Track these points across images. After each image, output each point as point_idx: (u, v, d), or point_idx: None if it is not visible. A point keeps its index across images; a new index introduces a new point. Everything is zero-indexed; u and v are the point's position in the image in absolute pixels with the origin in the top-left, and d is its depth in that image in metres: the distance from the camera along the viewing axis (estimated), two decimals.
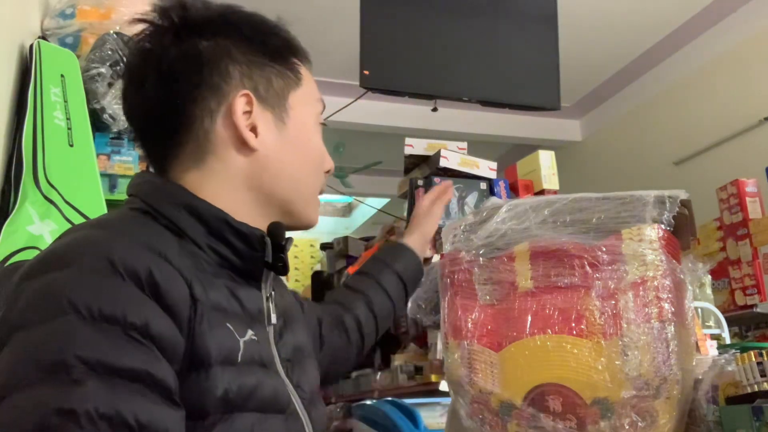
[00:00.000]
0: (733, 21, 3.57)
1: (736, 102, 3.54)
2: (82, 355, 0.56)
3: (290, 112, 0.81)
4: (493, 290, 0.97)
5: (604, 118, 4.67)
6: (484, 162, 1.89)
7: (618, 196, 0.96)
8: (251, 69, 0.78)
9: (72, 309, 0.58)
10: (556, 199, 1.00)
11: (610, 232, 0.93)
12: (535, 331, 0.91)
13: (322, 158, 0.86)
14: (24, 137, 1.35)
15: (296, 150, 0.82)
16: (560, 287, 0.92)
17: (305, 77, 0.84)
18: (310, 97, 0.84)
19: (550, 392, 0.89)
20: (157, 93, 0.76)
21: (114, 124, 1.56)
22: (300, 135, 0.82)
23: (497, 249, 0.99)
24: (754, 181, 2.31)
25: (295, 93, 0.82)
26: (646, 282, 0.88)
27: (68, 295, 0.59)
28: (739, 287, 2.23)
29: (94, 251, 0.63)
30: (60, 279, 0.61)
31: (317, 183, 0.86)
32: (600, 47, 3.90)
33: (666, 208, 0.92)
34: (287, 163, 0.80)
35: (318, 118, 0.86)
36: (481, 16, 2.56)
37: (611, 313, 0.88)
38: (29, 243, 1.25)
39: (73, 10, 1.69)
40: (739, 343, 1.92)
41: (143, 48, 0.78)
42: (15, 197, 1.30)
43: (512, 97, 2.57)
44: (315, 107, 0.86)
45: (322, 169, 0.87)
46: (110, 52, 1.58)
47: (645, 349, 0.86)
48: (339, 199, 7.26)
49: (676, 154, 3.89)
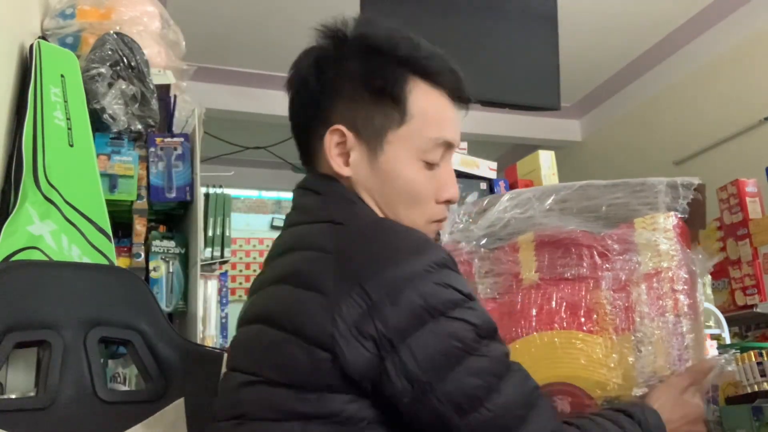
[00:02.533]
0: (733, 21, 3.57)
1: (736, 102, 3.54)
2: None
3: (385, 147, 0.86)
4: (495, 283, 0.92)
5: (604, 118, 4.66)
6: (484, 162, 1.89)
7: (628, 183, 0.91)
8: (354, 104, 0.86)
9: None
10: (562, 187, 0.96)
11: (620, 220, 0.88)
12: (540, 327, 0.86)
13: (419, 190, 0.87)
14: (24, 137, 1.34)
15: (385, 182, 0.86)
16: (568, 279, 0.87)
17: (414, 111, 0.86)
18: (417, 134, 0.86)
19: (558, 392, 0.84)
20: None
21: (114, 124, 1.55)
22: (391, 168, 0.86)
23: (499, 239, 0.94)
24: (754, 181, 2.31)
25: (396, 131, 0.86)
26: (660, 273, 0.83)
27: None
28: (739, 287, 2.23)
29: (439, 247, 0.77)
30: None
31: (420, 213, 0.87)
32: (600, 47, 3.90)
33: (680, 195, 0.88)
34: (376, 191, 0.86)
35: (420, 152, 0.87)
36: (481, 16, 2.56)
37: (623, 306, 0.83)
38: (29, 243, 1.25)
39: (73, 10, 1.69)
40: (739, 343, 1.92)
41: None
42: (15, 197, 1.30)
43: (512, 97, 2.56)
44: (419, 142, 0.86)
45: (425, 200, 0.88)
46: (110, 52, 1.58)
47: (659, 344, 0.81)
48: None
49: (676, 154, 3.89)
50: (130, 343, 1.05)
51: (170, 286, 1.63)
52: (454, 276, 0.75)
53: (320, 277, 0.73)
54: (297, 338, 0.72)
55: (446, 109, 0.90)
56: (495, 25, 2.58)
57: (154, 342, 1.06)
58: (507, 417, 0.70)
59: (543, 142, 4.60)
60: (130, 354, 1.06)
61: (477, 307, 0.74)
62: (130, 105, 1.58)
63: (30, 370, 1.04)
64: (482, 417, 0.69)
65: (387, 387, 0.70)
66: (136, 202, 1.58)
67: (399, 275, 0.71)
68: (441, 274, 0.73)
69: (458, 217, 0.99)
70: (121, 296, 1.08)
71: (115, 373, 1.36)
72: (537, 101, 2.63)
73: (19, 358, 1.04)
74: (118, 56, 1.58)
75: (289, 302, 0.76)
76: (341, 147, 0.86)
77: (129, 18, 1.73)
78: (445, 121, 0.88)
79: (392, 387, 0.69)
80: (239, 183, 4.44)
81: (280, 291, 0.78)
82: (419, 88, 0.87)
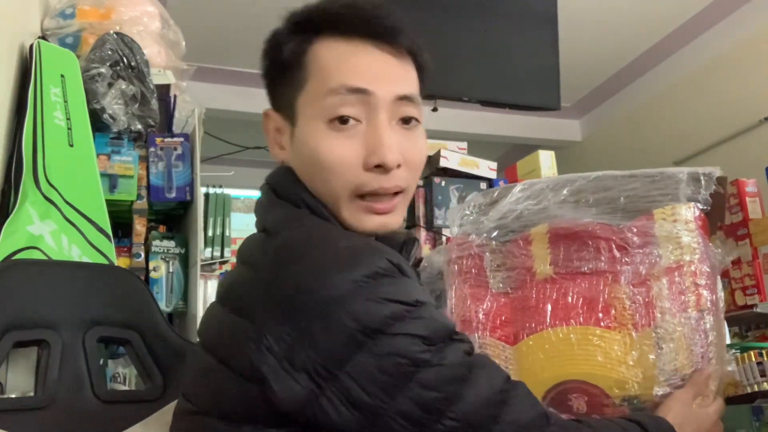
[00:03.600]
0: (732, 21, 3.57)
1: (735, 102, 3.54)
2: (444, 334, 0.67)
3: (299, 118, 0.78)
4: (508, 277, 0.88)
5: (604, 118, 4.66)
6: (484, 162, 1.90)
7: (646, 173, 0.87)
8: (273, 84, 0.82)
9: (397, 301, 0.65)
10: (576, 178, 0.90)
11: (639, 212, 0.83)
12: (556, 322, 0.82)
13: (330, 157, 0.75)
14: (24, 137, 1.34)
15: (301, 156, 0.78)
16: (584, 273, 0.82)
17: (312, 69, 0.77)
18: (317, 91, 0.76)
19: (574, 390, 0.80)
20: None
21: (114, 124, 1.55)
22: (303, 139, 0.77)
23: (511, 231, 0.89)
24: (754, 181, 2.31)
25: (301, 96, 0.78)
26: (682, 267, 0.79)
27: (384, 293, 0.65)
28: (739, 287, 2.23)
29: (374, 254, 0.68)
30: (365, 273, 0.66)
31: (340, 184, 0.75)
32: (600, 47, 3.90)
33: (701, 186, 0.83)
34: (300, 171, 0.78)
35: (325, 111, 0.75)
36: (481, 16, 2.56)
37: (643, 301, 0.79)
38: (29, 243, 1.25)
39: (73, 10, 1.69)
40: (739, 343, 1.92)
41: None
42: (15, 197, 1.30)
43: (512, 97, 2.56)
44: (321, 99, 0.75)
45: (344, 167, 0.75)
46: (110, 52, 1.58)
47: (681, 341, 0.77)
48: None
49: (676, 154, 3.89)
50: (129, 342, 1.05)
51: (170, 286, 1.63)
52: (394, 285, 0.66)
53: (249, 302, 0.67)
54: (227, 369, 0.67)
55: (352, 53, 0.76)
56: (495, 25, 2.58)
57: (153, 342, 1.06)
58: (475, 421, 0.64)
59: (543, 142, 4.60)
60: (129, 354, 1.06)
61: (425, 314, 0.66)
62: (130, 105, 1.58)
63: (29, 369, 1.04)
64: (447, 428, 0.63)
65: (328, 419, 0.62)
66: (136, 202, 1.58)
67: (327, 297, 0.63)
68: (375, 288, 0.65)
69: (468, 209, 0.94)
70: (121, 296, 1.08)
71: (115, 373, 1.36)
72: (537, 101, 2.63)
73: (18, 358, 1.04)
74: (118, 56, 1.58)
75: (222, 328, 0.71)
76: (279, 132, 0.81)
77: (129, 18, 1.73)
78: (349, 67, 0.75)
79: (336, 417, 0.62)
80: (239, 183, 4.44)
81: (219, 313, 0.73)
82: (320, 44, 0.77)
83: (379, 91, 0.75)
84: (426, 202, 1.87)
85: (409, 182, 0.79)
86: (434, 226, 1.83)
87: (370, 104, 0.75)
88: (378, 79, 0.75)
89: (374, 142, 0.74)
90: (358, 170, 0.75)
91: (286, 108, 0.79)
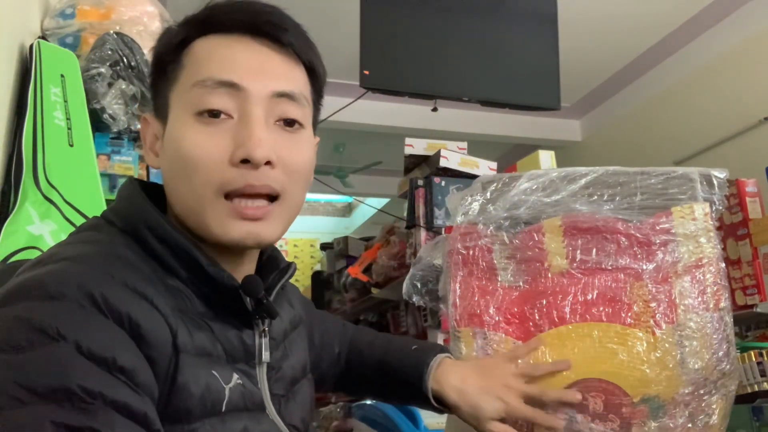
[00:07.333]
0: (733, 21, 3.57)
1: (736, 102, 3.54)
2: (85, 386, 0.54)
3: (170, 115, 0.72)
4: (518, 270, 0.84)
5: (604, 118, 4.67)
6: (484, 162, 1.90)
7: (661, 171, 0.86)
8: (154, 89, 0.77)
9: (62, 339, 0.55)
10: (588, 171, 0.89)
11: (655, 209, 0.82)
12: (574, 318, 0.79)
13: (194, 153, 0.69)
14: (24, 137, 1.35)
15: (167, 156, 0.72)
16: (604, 269, 0.80)
17: (186, 62, 0.73)
18: (187, 83, 0.71)
19: (592, 389, 0.77)
20: None
21: (114, 124, 1.55)
22: (170, 137, 0.72)
23: (522, 223, 0.86)
24: (754, 181, 2.31)
25: (173, 91, 0.73)
26: (703, 266, 0.79)
27: (56, 325, 0.56)
28: (739, 287, 2.23)
29: (77, 286, 0.59)
30: (45, 308, 0.57)
31: (204, 182, 0.69)
32: (600, 47, 3.90)
33: (715, 186, 0.83)
34: (169, 176, 0.72)
35: (191, 104, 0.70)
36: (481, 16, 2.56)
37: (666, 299, 0.78)
38: (29, 243, 1.25)
39: (73, 10, 1.69)
40: (739, 343, 1.92)
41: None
42: (15, 197, 1.30)
43: (512, 97, 2.57)
44: (188, 92, 0.71)
45: (208, 163, 0.69)
46: (110, 52, 1.58)
47: (704, 340, 0.76)
48: (339, 199, 7.26)
49: (676, 154, 3.89)
50: None
51: None
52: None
53: None
54: None
55: (228, 46, 0.72)
56: (495, 25, 2.58)
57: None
58: None
59: (543, 142, 4.61)
60: None
61: None
62: (130, 105, 1.58)
63: None
64: None
65: None
66: None
67: None
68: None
69: (470, 196, 0.89)
70: None
71: None
72: (537, 101, 2.63)
73: None
74: (118, 56, 1.58)
75: None
76: (157, 138, 0.76)
77: (129, 18, 1.73)
78: (221, 59, 0.71)
79: None
80: None
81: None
82: (200, 40, 0.73)
83: (253, 85, 0.70)
84: (426, 202, 1.87)
85: (285, 187, 0.71)
86: (434, 226, 1.83)
87: (242, 99, 0.70)
88: (253, 73, 0.71)
89: (243, 136, 0.68)
90: (223, 165, 0.68)
91: (163, 108, 0.74)
